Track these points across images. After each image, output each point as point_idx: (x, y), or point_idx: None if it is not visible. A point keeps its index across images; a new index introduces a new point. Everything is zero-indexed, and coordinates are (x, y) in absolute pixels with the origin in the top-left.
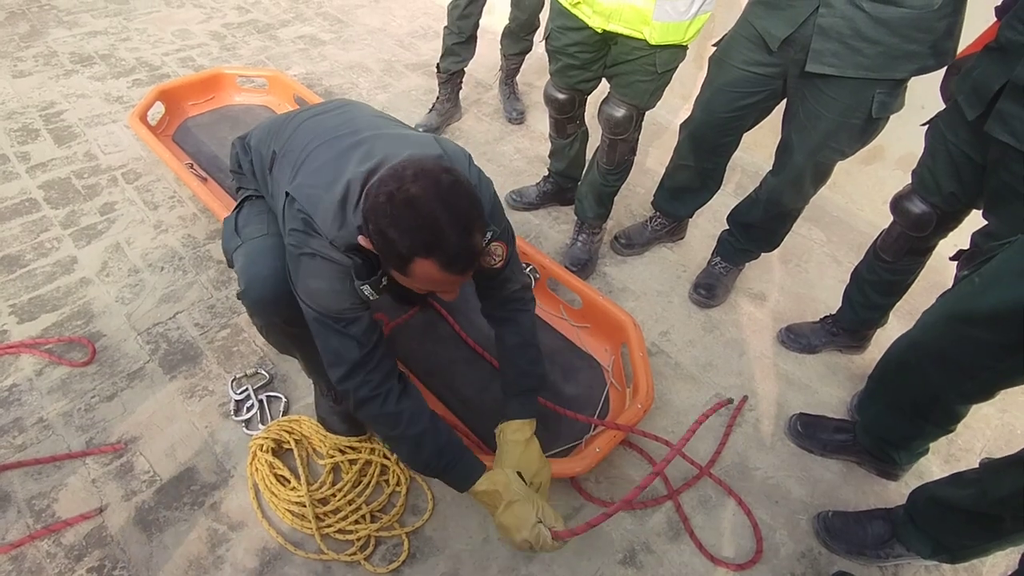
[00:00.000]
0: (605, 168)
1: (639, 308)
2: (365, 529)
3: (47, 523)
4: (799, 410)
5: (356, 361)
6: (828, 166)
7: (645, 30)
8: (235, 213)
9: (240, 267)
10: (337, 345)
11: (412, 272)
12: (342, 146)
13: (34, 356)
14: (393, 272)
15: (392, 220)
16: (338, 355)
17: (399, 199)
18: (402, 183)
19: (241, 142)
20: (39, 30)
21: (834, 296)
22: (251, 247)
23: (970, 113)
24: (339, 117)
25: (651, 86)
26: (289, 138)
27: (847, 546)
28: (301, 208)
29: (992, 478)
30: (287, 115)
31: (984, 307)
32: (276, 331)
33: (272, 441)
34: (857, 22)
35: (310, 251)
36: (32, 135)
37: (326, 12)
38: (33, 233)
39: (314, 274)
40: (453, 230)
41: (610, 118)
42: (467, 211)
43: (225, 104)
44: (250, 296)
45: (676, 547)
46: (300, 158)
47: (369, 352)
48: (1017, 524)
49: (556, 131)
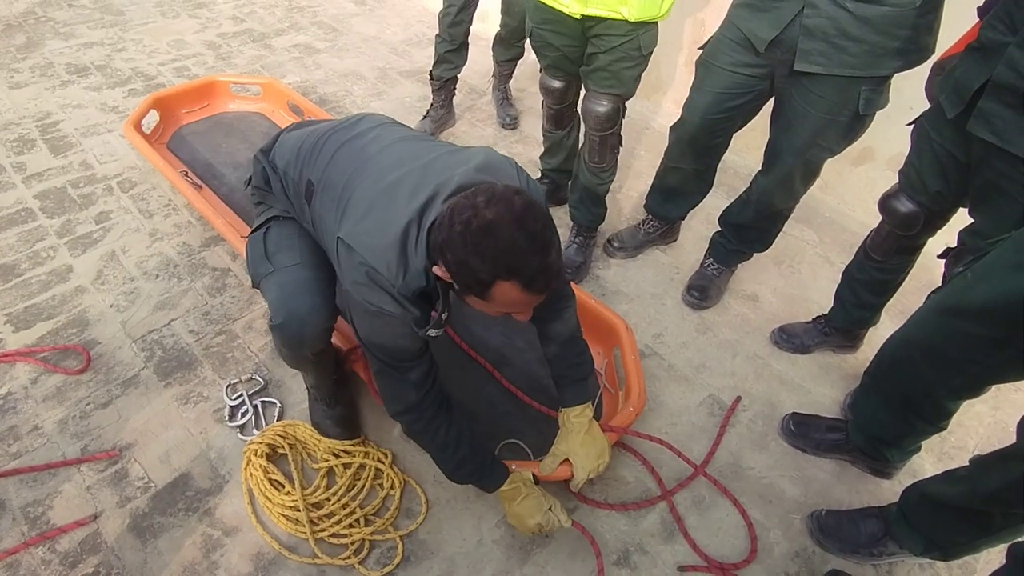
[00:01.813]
0: (598, 167)
1: (632, 311)
2: (359, 533)
3: (42, 530)
4: (792, 410)
5: (413, 403)
6: (817, 164)
7: (623, 9)
8: (263, 234)
9: (274, 299)
10: (397, 389)
11: (493, 296)
12: (387, 181)
13: (29, 364)
14: (470, 298)
15: (473, 249)
16: (396, 397)
17: (476, 227)
18: (477, 210)
19: (266, 158)
20: (35, 41)
21: (827, 296)
22: (285, 278)
23: (950, 111)
24: (374, 143)
25: (636, 71)
26: (325, 168)
27: (840, 545)
28: (363, 261)
29: (980, 475)
30: (313, 134)
31: (975, 301)
32: (301, 361)
33: (266, 446)
34: (841, 21)
35: (376, 309)
36: (28, 145)
37: (321, 21)
38: (29, 242)
39: (379, 331)
40: (532, 252)
41: (597, 115)
42: (542, 231)
43: (219, 112)
44: (286, 332)
45: (670, 547)
46: (344, 196)
47: (425, 394)
48: (1007, 520)
49: (554, 123)
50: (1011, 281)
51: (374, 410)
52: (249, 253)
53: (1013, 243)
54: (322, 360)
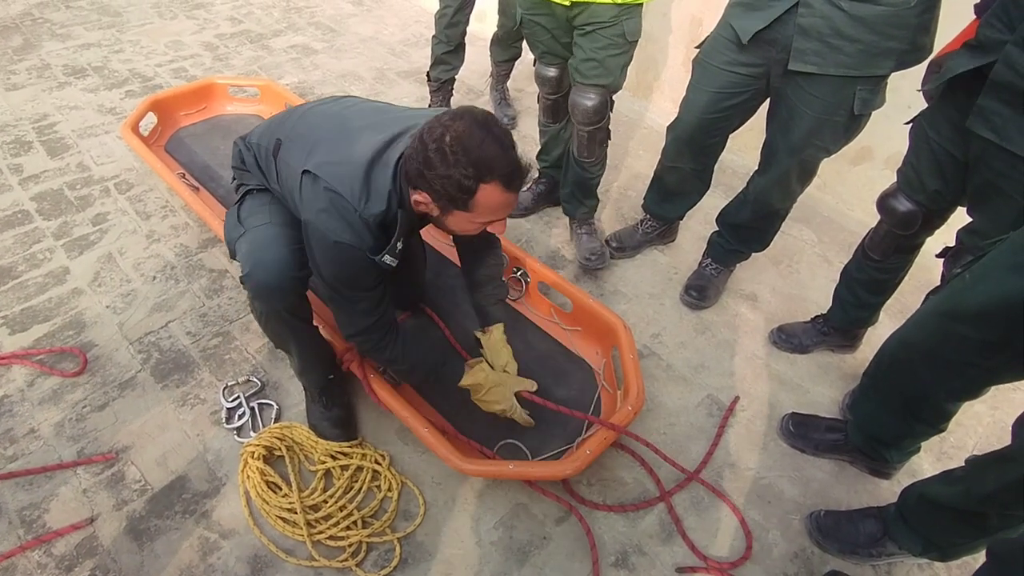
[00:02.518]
0: (587, 161)
1: (631, 311)
2: (357, 535)
3: (38, 533)
4: (791, 410)
5: (363, 328)
6: (813, 164)
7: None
8: (237, 206)
9: (244, 253)
10: (350, 315)
11: (477, 203)
12: (354, 126)
13: (25, 367)
14: (454, 217)
15: (454, 160)
16: (350, 322)
17: (450, 139)
18: (446, 128)
19: (243, 141)
20: (32, 43)
21: (825, 296)
22: (255, 234)
23: (931, 86)
24: (347, 107)
25: (622, 59)
26: (295, 125)
27: (839, 545)
28: (328, 186)
29: (976, 475)
30: (289, 109)
31: (972, 303)
32: (275, 319)
33: (263, 448)
34: (836, 21)
35: (335, 239)
36: (25, 147)
37: (318, 21)
38: (25, 244)
39: (336, 262)
40: (505, 150)
41: (584, 109)
42: (507, 134)
43: (217, 114)
44: (254, 279)
45: (668, 548)
46: (311, 140)
47: (375, 321)
48: (1003, 521)
49: (551, 115)
50: (1008, 283)
51: (371, 411)
52: (226, 225)
53: (1011, 244)
54: (300, 326)
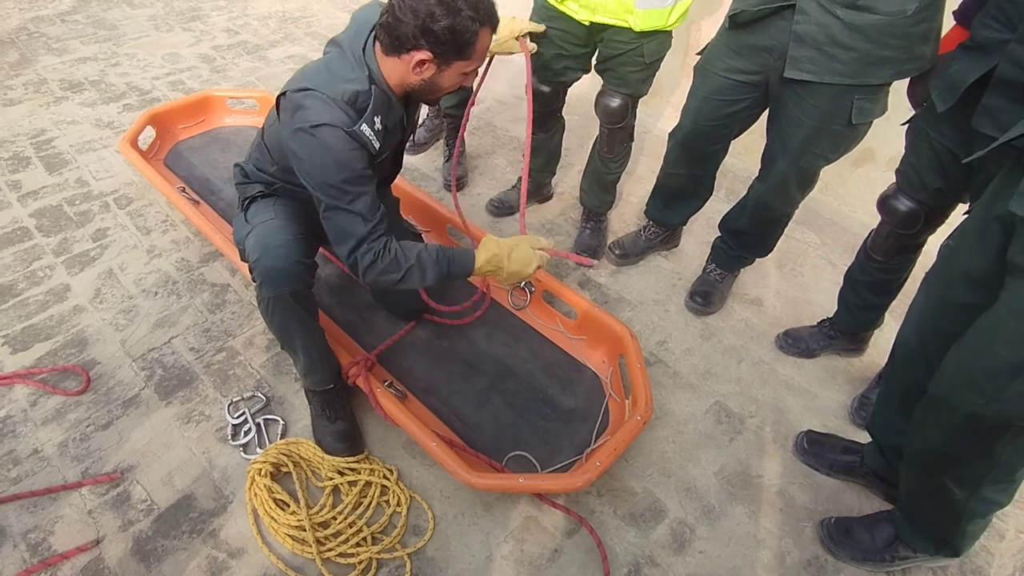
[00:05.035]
0: (607, 157)
1: (636, 318)
2: (366, 552)
3: (43, 557)
4: (799, 415)
5: (362, 236)
6: (812, 172)
7: (629, 18)
8: (243, 212)
9: (252, 244)
10: (345, 223)
11: (476, 50)
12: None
13: (28, 386)
14: (449, 72)
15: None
16: (346, 233)
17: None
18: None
19: (240, 161)
20: (28, 58)
21: (830, 299)
22: (262, 228)
23: (941, 106)
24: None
25: (642, 75)
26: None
27: (853, 552)
28: (302, 87)
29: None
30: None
31: (959, 267)
32: (282, 307)
33: (270, 465)
34: (832, 29)
35: (314, 124)
36: (23, 163)
37: (315, 31)
38: (25, 262)
39: (322, 154)
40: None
41: (607, 108)
42: None
43: (216, 126)
44: (263, 263)
45: (681, 559)
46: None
47: (373, 227)
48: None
49: (539, 127)
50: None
51: (377, 425)
52: (235, 229)
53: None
54: (306, 318)
